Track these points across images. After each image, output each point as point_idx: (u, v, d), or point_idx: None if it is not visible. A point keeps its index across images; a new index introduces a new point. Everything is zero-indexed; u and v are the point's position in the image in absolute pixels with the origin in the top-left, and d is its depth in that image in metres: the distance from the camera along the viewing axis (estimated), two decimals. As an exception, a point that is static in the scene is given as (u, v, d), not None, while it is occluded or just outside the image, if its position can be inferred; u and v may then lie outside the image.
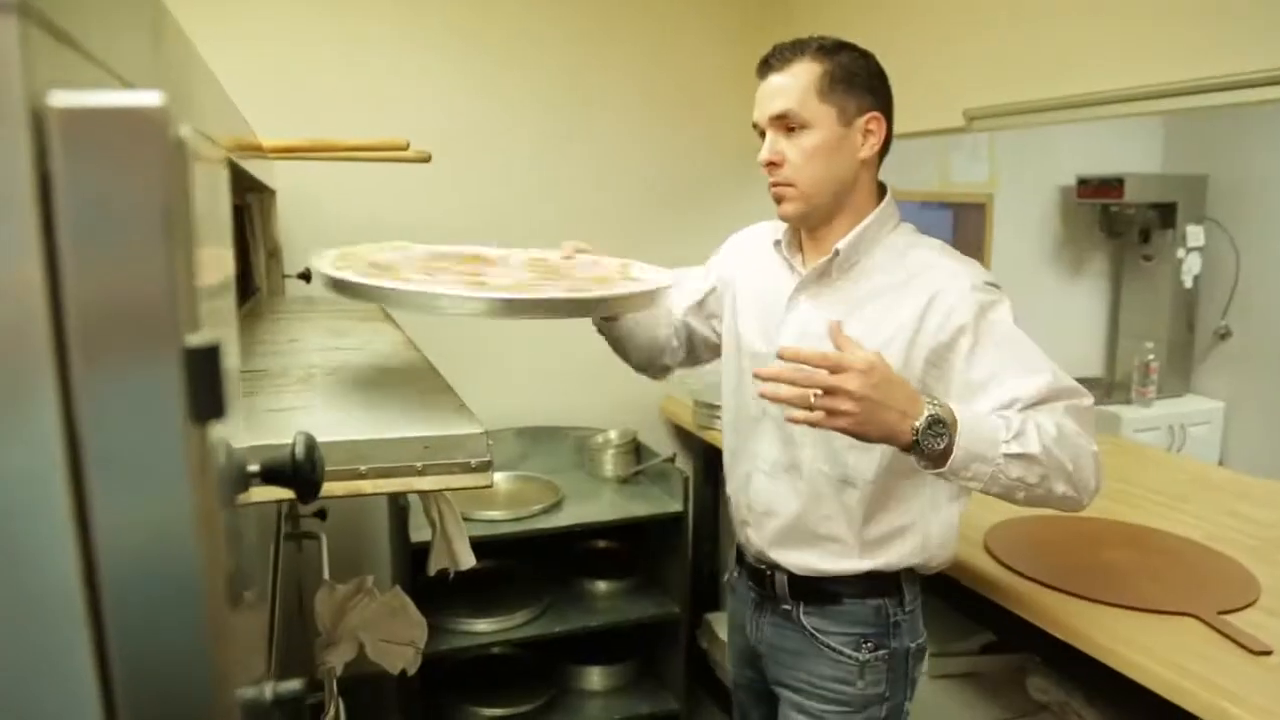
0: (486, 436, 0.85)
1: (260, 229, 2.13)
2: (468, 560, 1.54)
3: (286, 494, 0.61)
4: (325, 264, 1.16)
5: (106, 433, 0.29)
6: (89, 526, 0.29)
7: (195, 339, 0.30)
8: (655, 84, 2.99)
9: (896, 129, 2.58)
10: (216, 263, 0.43)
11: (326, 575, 1.49)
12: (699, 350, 1.73)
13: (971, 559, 1.76)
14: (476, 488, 0.85)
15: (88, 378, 0.29)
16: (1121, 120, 2.75)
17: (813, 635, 1.47)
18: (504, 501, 2.56)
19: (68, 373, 0.28)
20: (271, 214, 2.32)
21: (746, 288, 1.57)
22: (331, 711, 1.24)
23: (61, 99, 0.28)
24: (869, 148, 1.38)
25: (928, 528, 1.45)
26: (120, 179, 0.29)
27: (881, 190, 1.47)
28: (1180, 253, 3.67)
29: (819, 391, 1.15)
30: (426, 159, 2.12)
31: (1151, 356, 3.59)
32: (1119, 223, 3.76)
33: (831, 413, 1.15)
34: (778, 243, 1.51)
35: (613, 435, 2.88)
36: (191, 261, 0.31)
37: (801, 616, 1.48)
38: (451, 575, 1.59)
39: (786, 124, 1.37)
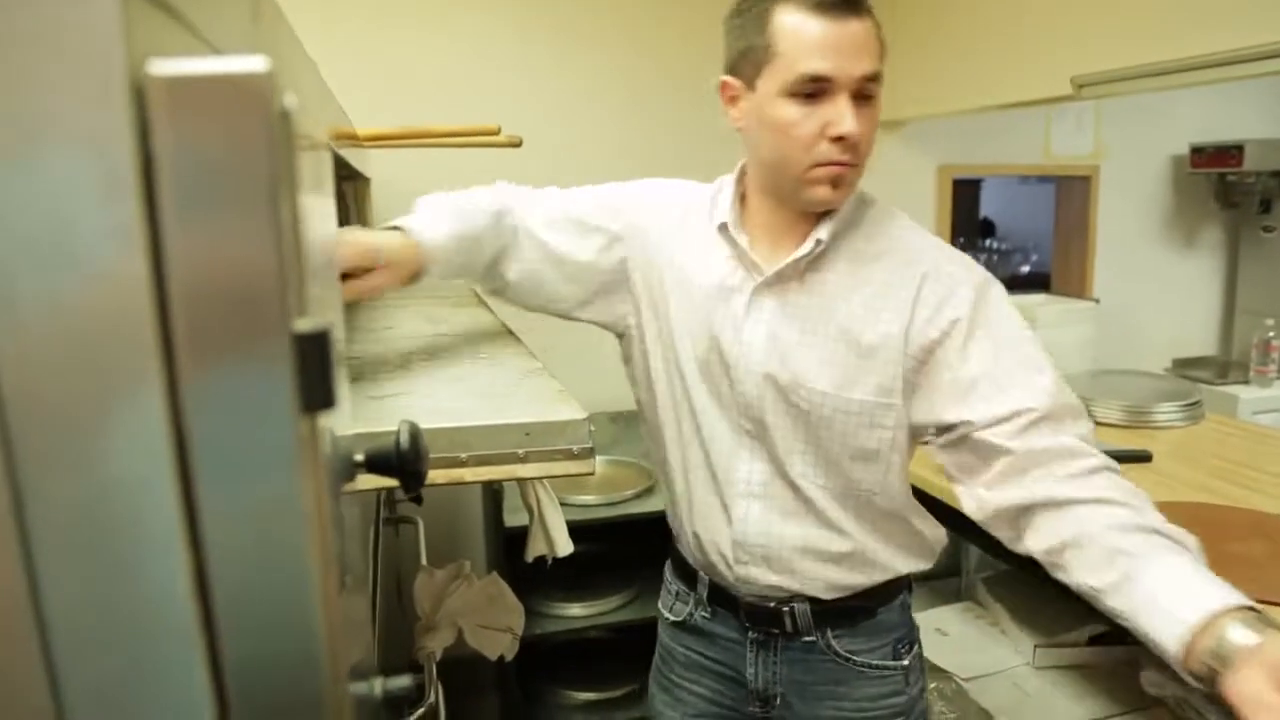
0: (589, 422, 0.83)
1: (356, 216, 2.15)
2: (566, 547, 1.54)
3: (391, 483, 0.60)
4: None
5: (214, 425, 0.27)
6: (198, 525, 0.28)
7: (304, 324, 0.28)
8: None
9: (999, 98, 2.49)
10: (323, 242, 0.41)
11: (424, 561, 1.50)
12: (519, 297, 1.41)
13: (1085, 547, 1.69)
14: (579, 475, 0.83)
15: (194, 368, 0.27)
16: (1239, 83, 2.60)
17: (848, 659, 1.29)
18: (597, 486, 2.55)
19: (174, 363, 0.27)
20: (366, 202, 2.34)
21: (680, 276, 1.27)
22: (432, 696, 1.25)
23: (162, 67, 0.26)
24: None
25: (924, 524, 1.31)
26: (225, 150, 0.27)
27: None
28: (1304, 223, 3.46)
29: None
30: (518, 144, 2.12)
31: (1272, 334, 3.40)
32: (1236, 192, 3.56)
33: None
34: (724, 226, 1.23)
35: (704, 419, 2.85)
36: (300, 240, 0.29)
37: (832, 643, 1.29)
38: (549, 562, 1.58)
39: (866, 90, 1.09)
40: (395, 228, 1.24)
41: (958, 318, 1.13)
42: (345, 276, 1.12)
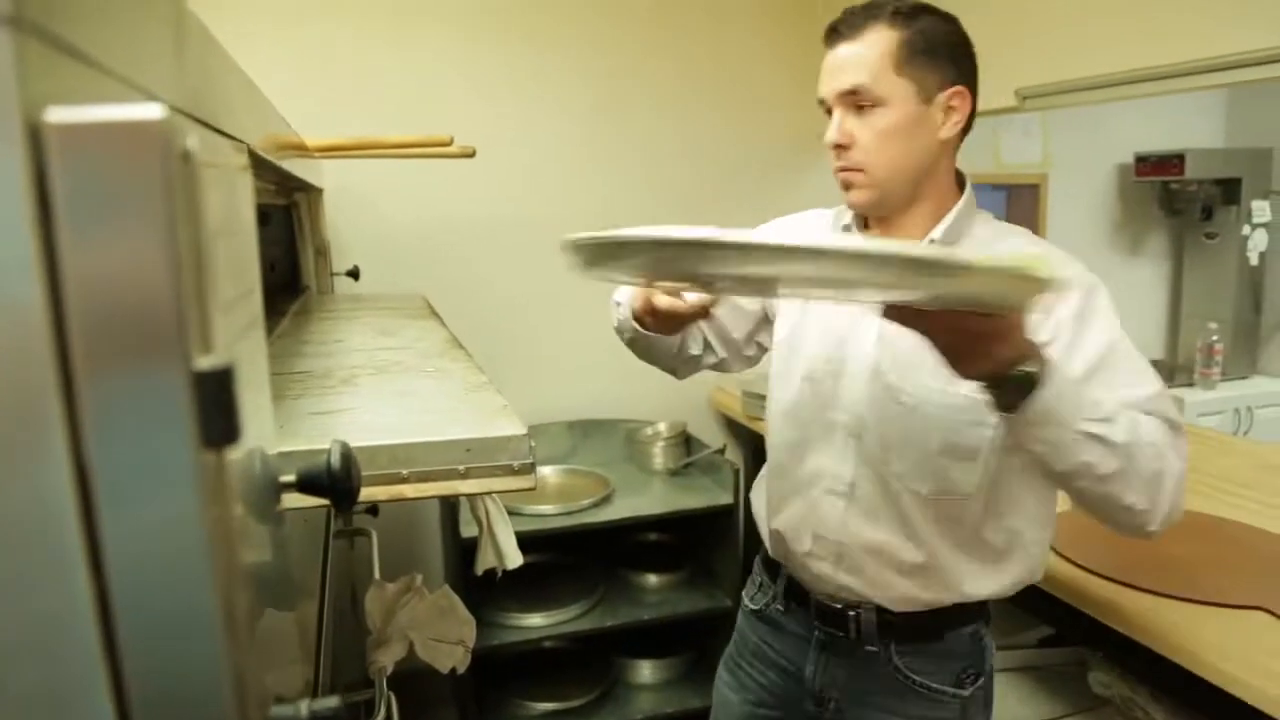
0: (529, 438, 0.84)
1: (308, 227, 2.14)
2: (515, 560, 1.54)
3: (322, 502, 0.61)
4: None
5: (115, 462, 0.28)
6: (100, 558, 0.28)
7: (206, 361, 0.29)
8: (703, 72, 2.96)
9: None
10: (236, 273, 0.42)
11: (377, 573, 1.50)
12: (729, 362, 1.52)
13: (1030, 551, 1.72)
14: (519, 490, 0.84)
15: (94, 406, 0.27)
16: (1181, 94, 2.66)
17: (909, 678, 1.30)
18: (554, 495, 2.56)
19: (73, 401, 0.27)
20: (319, 212, 2.33)
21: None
22: (383, 711, 1.25)
23: (58, 114, 0.27)
24: (951, 127, 1.21)
25: (1037, 542, 1.30)
26: (121, 195, 0.27)
27: (960, 177, 1.31)
28: (1245, 229, 3.55)
29: None
30: (471, 154, 2.12)
31: (1216, 337, 3.48)
32: (1180, 200, 3.65)
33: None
34: (848, 226, 1.33)
35: (662, 427, 2.87)
36: (201, 279, 0.30)
37: (894, 658, 1.31)
38: (499, 575, 1.58)
39: (857, 101, 1.19)
40: None
41: (1064, 318, 1.16)
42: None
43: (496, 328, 1.97)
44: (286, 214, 2.04)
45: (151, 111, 0.28)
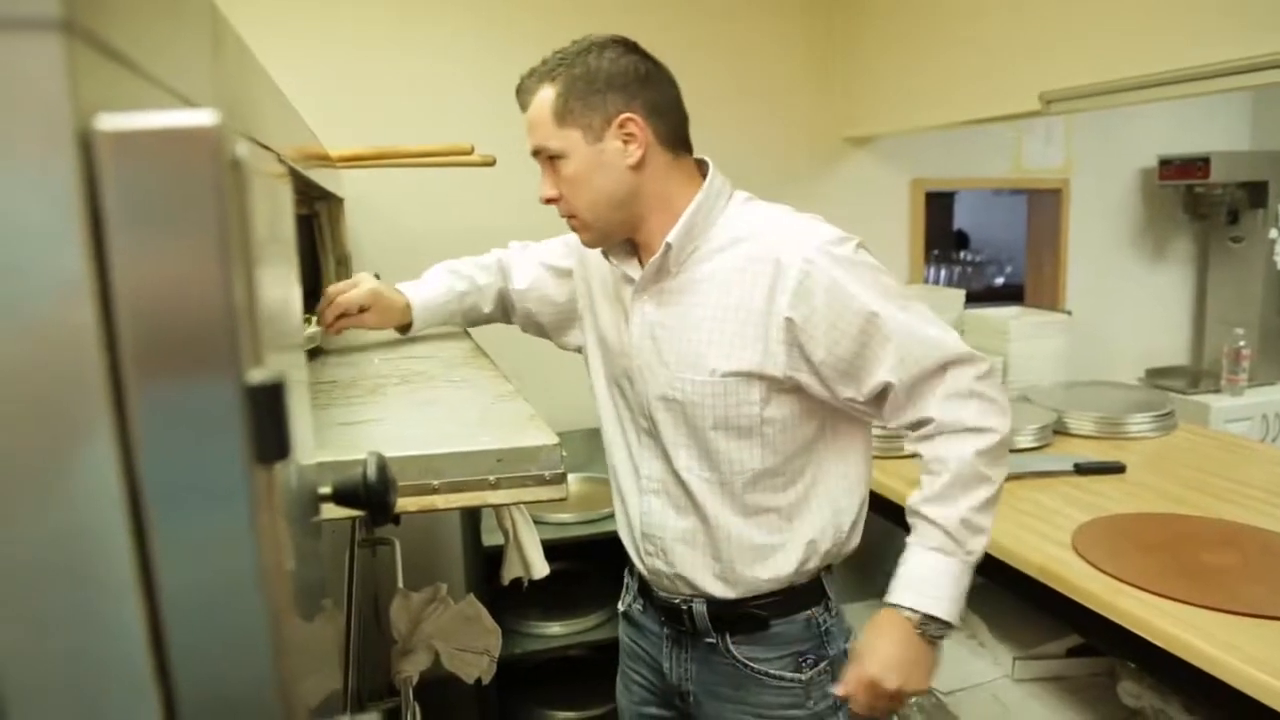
0: (560, 448, 0.83)
1: (329, 237, 2.15)
2: (541, 569, 1.53)
3: (358, 513, 0.60)
4: None
5: (167, 476, 0.27)
6: (152, 578, 0.28)
7: (258, 375, 0.28)
8: (720, 76, 2.95)
9: (969, 114, 2.52)
10: (279, 282, 0.41)
11: (401, 583, 1.49)
12: (554, 340, 1.64)
13: (1058, 560, 1.70)
14: (551, 500, 0.83)
15: (145, 420, 0.27)
16: (1206, 97, 2.63)
17: (747, 666, 1.35)
18: (574, 504, 2.55)
19: (125, 416, 0.27)
20: (340, 221, 2.33)
21: (598, 295, 1.46)
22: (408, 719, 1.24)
23: (110, 122, 0.26)
24: (633, 153, 1.24)
25: (844, 510, 1.34)
26: (173, 204, 0.27)
27: (702, 170, 1.34)
28: (1272, 233, 3.50)
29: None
30: (491, 163, 2.12)
31: (1243, 343, 3.44)
32: (1205, 204, 3.61)
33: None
34: (603, 252, 1.38)
35: (682, 435, 2.85)
36: (253, 291, 0.29)
37: (731, 648, 1.36)
38: (525, 584, 1.58)
39: (545, 157, 1.29)
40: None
41: (815, 299, 1.20)
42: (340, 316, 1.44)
43: (515, 334, 1.96)
44: (307, 223, 2.04)
45: (204, 119, 0.27)
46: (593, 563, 2.74)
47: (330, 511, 0.58)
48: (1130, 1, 2.02)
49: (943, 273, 5.11)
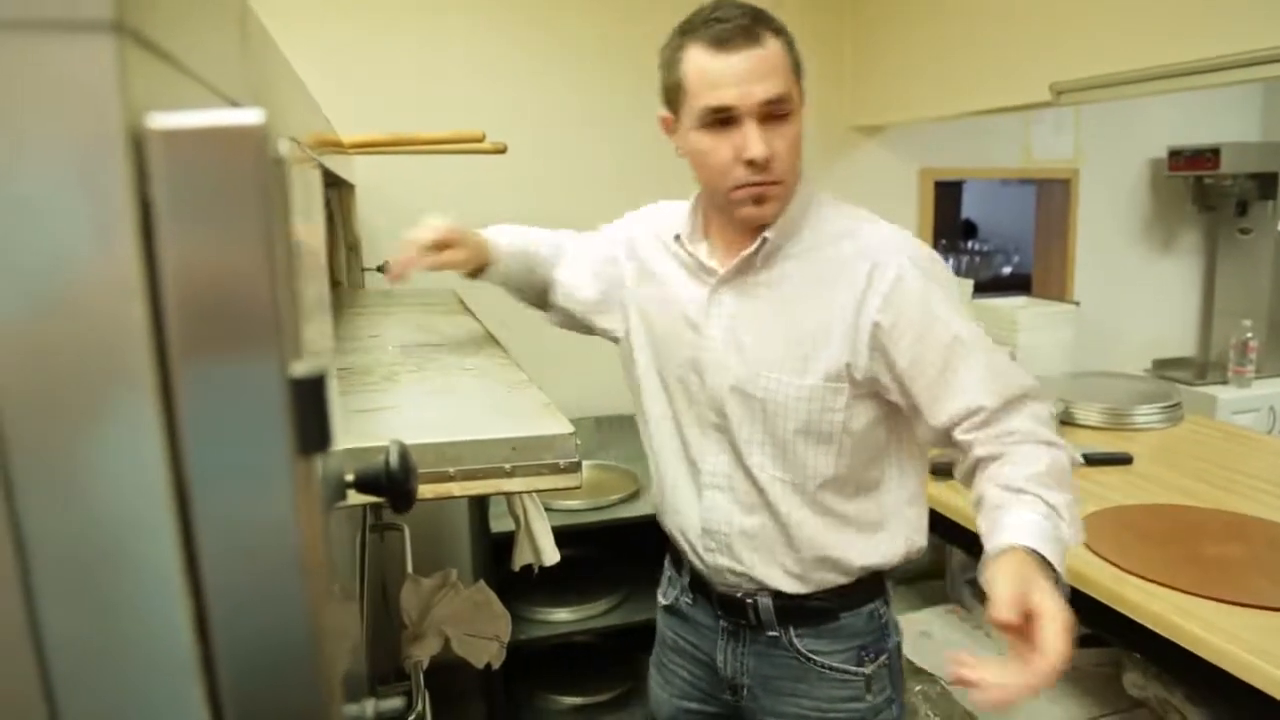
0: (574, 436, 0.84)
1: (341, 223, 2.15)
2: (552, 556, 1.54)
3: (379, 500, 0.61)
4: None
5: (212, 468, 0.28)
6: (197, 565, 0.28)
7: (300, 369, 0.29)
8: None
9: (979, 104, 2.51)
10: (314, 270, 0.42)
11: (410, 569, 1.50)
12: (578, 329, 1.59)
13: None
14: (565, 489, 0.83)
15: (191, 412, 0.27)
16: (1217, 88, 2.62)
17: (810, 659, 1.33)
18: (584, 491, 2.55)
19: (172, 407, 0.27)
20: (351, 208, 2.34)
21: (659, 284, 1.39)
22: (419, 705, 1.25)
23: (160, 120, 0.27)
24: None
25: (909, 516, 1.33)
26: (220, 200, 0.27)
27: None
28: (1281, 225, 3.50)
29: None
30: (503, 150, 2.12)
31: (1250, 334, 3.43)
32: (1214, 195, 3.60)
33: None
34: (678, 237, 1.34)
35: (689, 423, 2.86)
36: (295, 286, 0.30)
37: (794, 641, 1.33)
38: (536, 571, 1.59)
39: (774, 111, 1.16)
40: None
41: (904, 308, 1.17)
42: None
43: (525, 322, 1.96)
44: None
45: (250, 117, 0.27)
46: (600, 550, 2.75)
47: (352, 498, 0.59)
48: (1143, -8, 2.01)
49: (950, 262, 5.09)
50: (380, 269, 2.21)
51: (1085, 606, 1.64)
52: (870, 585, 1.34)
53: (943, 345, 1.17)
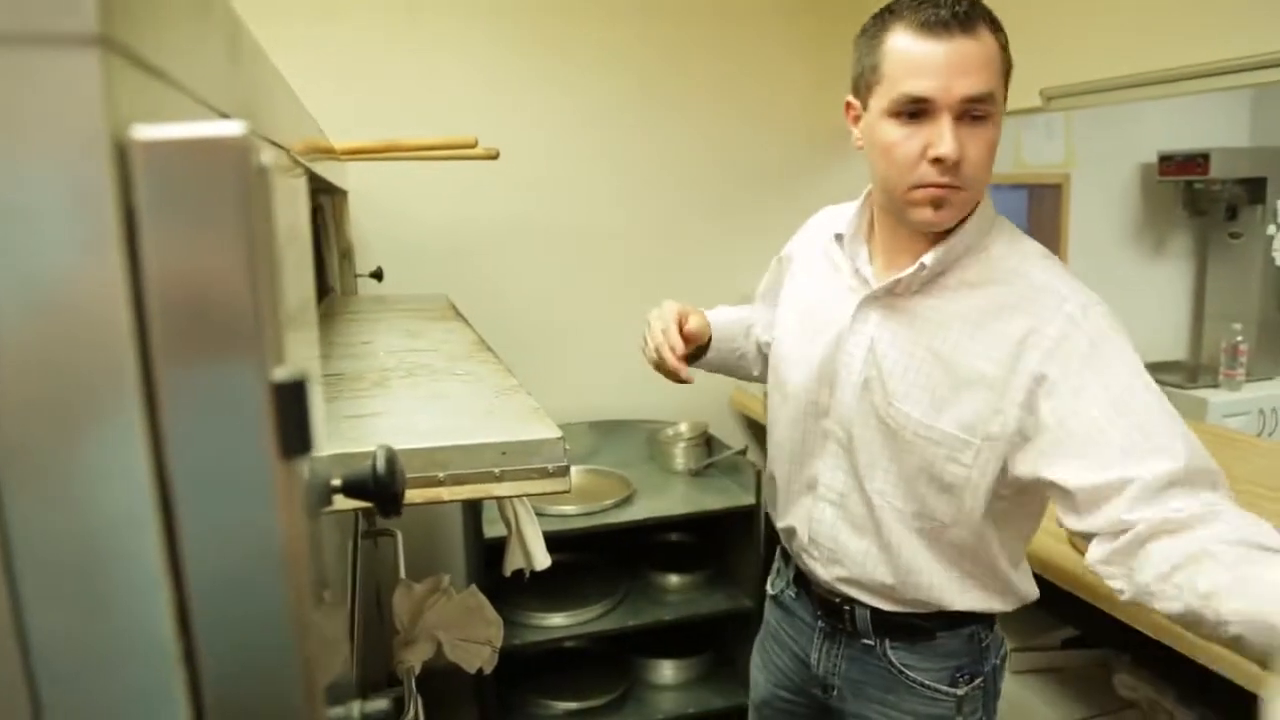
0: (563, 441, 0.84)
1: (334, 229, 2.16)
2: (543, 561, 1.54)
3: (366, 505, 0.61)
4: None
5: (195, 471, 0.29)
6: (180, 567, 0.29)
7: (282, 373, 0.29)
8: (724, 74, 2.96)
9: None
10: (299, 280, 0.42)
11: (403, 573, 1.51)
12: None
13: (1055, 552, 1.72)
14: (554, 493, 0.84)
15: (175, 416, 0.28)
16: (1206, 94, 2.64)
17: (902, 672, 1.30)
18: (576, 496, 2.56)
19: (155, 412, 0.28)
20: (344, 214, 2.35)
21: (804, 284, 1.38)
22: (411, 710, 1.25)
23: (144, 132, 0.27)
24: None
25: (1012, 575, 1.28)
26: (203, 210, 0.28)
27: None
28: (1271, 229, 3.52)
29: None
30: (494, 156, 2.13)
31: (1240, 338, 3.46)
32: (1204, 200, 3.62)
33: None
34: (839, 236, 1.29)
35: (683, 428, 2.87)
36: (277, 294, 0.30)
37: (888, 652, 1.31)
38: (527, 576, 1.59)
39: (974, 110, 1.08)
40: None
41: (1067, 365, 1.06)
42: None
43: (518, 328, 1.99)
44: (312, 217, 2.06)
45: (232, 129, 0.28)
46: (593, 555, 2.76)
47: (340, 503, 0.60)
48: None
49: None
50: (374, 275, 2.20)
51: (1075, 608, 1.65)
52: (976, 606, 1.28)
53: (1107, 402, 1.03)
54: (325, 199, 2.09)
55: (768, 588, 1.56)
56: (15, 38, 0.26)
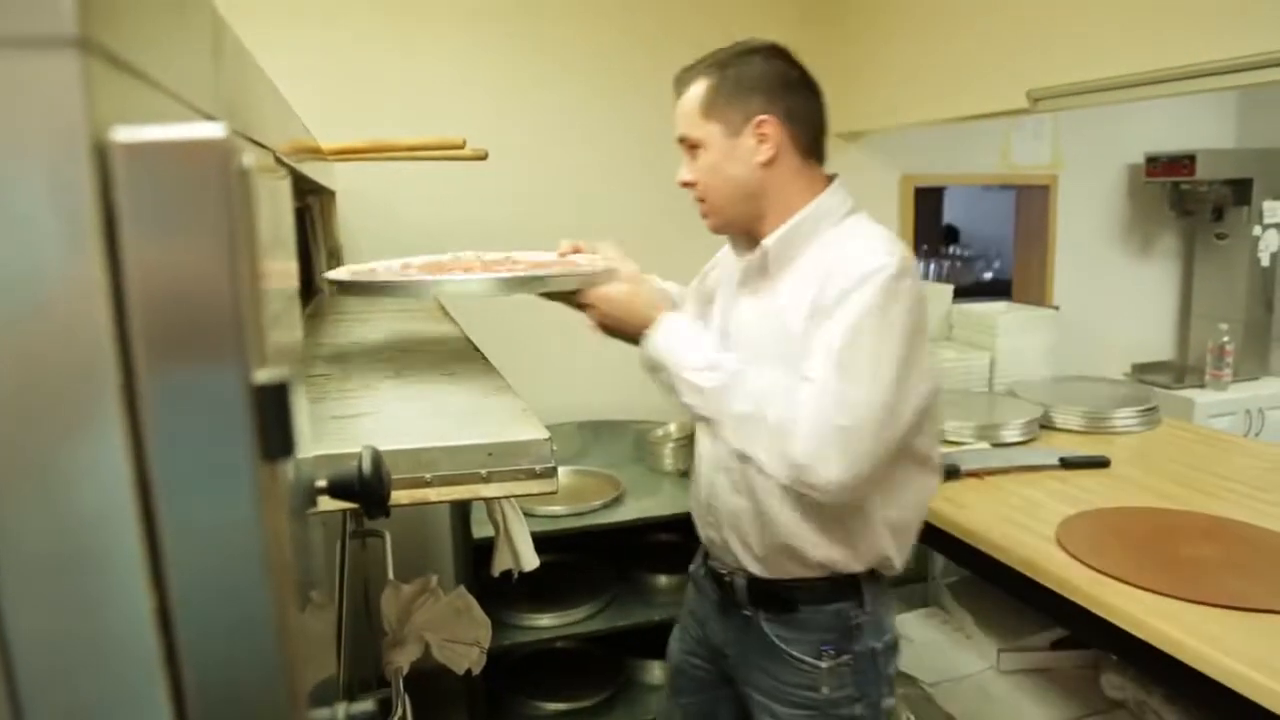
0: (550, 442, 0.84)
1: (321, 230, 2.15)
2: (531, 561, 1.55)
3: (352, 506, 0.61)
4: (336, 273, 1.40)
5: (176, 473, 0.29)
6: (161, 569, 0.29)
7: (264, 375, 0.29)
8: (709, 73, 2.96)
9: (956, 111, 2.53)
10: (281, 280, 0.42)
11: (391, 574, 1.50)
12: None
13: (1043, 553, 1.72)
14: (541, 494, 0.84)
15: (156, 419, 0.28)
16: (1192, 95, 2.66)
17: (774, 642, 1.46)
18: (565, 496, 2.56)
19: (136, 414, 0.28)
20: (332, 215, 2.34)
21: (719, 290, 1.56)
22: (399, 711, 1.25)
23: (124, 134, 0.27)
24: (765, 152, 1.37)
25: (891, 527, 1.41)
26: (184, 212, 0.28)
27: (829, 186, 1.43)
28: (1256, 230, 3.54)
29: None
30: (483, 156, 2.13)
31: (1226, 338, 3.47)
32: (1190, 201, 3.64)
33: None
34: (732, 245, 1.54)
35: (672, 429, 2.87)
36: (259, 295, 0.30)
37: (763, 624, 1.47)
38: (515, 576, 1.59)
39: (688, 145, 1.42)
40: None
41: (831, 298, 1.28)
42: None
43: (507, 328, 1.98)
44: (300, 216, 2.05)
45: (213, 131, 0.28)
46: (582, 555, 2.75)
47: (326, 504, 0.60)
48: (1117, 1, 2.03)
49: (932, 267, 5.13)
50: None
51: (1063, 608, 1.66)
52: (839, 585, 1.43)
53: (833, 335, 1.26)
54: (313, 199, 2.09)
55: (690, 567, 1.71)
56: (-6, 40, 0.26)
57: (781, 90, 1.38)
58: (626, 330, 1.41)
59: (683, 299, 1.69)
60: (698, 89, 1.39)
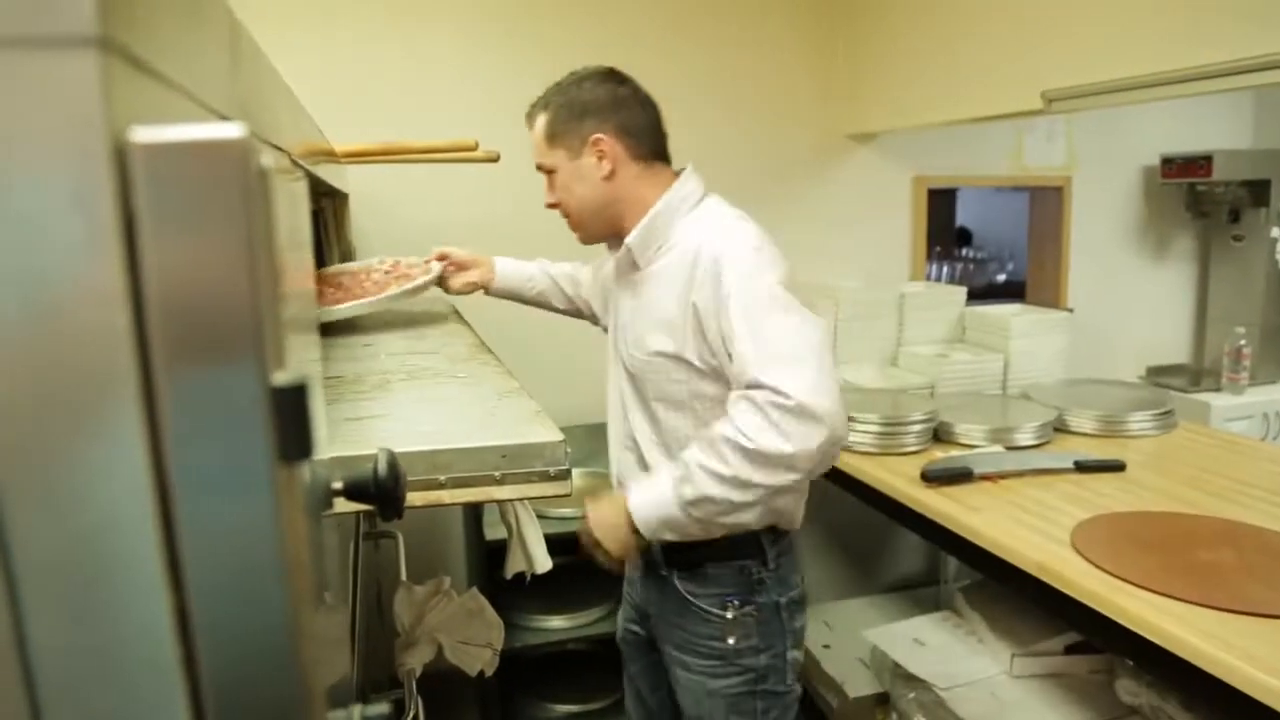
0: (564, 444, 0.84)
1: (335, 232, 2.16)
2: (544, 564, 1.55)
3: (368, 508, 0.61)
4: None
5: (194, 476, 0.29)
6: (180, 572, 0.29)
7: (283, 378, 0.29)
8: (721, 76, 2.96)
9: (969, 112, 2.53)
10: (299, 285, 0.42)
11: (404, 576, 1.50)
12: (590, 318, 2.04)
13: (1057, 557, 1.71)
14: (555, 496, 0.84)
15: (174, 421, 0.28)
16: (1208, 96, 2.64)
17: (687, 598, 1.59)
18: (576, 498, 2.54)
19: (155, 415, 0.28)
20: (345, 217, 2.35)
21: (609, 288, 1.73)
22: (412, 712, 1.25)
23: (143, 134, 0.27)
24: (604, 167, 1.53)
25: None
26: (203, 213, 0.28)
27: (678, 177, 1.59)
28: (1274, 231, 3.50)
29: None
30: (495, 159, 2.13)
31: (1243, 341, 3.44)
32: (1206, 202, 3.61)
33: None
34: (610, 247, 1.68)
35: (684, 430, 2.86)
36: (277, 296, 0.30)
37: (677, 582, 1.60)
38: (528, 578, 1.59)
39: (544, 171, 1.59)
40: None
41: (707, 288, 1.43)
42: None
43: (518, 330, 1.99)
44: (314, 218, 2.06)
45: (232, 131, 0.28)
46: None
47: (341, 506, 0.60)
48: (1132, 1, 2.02)
49: (944, 269, 5.11)
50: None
51: (1078, 613, 1.64)
52: (741, 544, 1.55)
53: (719, 311, 1.41)
54: (326, 201, 2.09)
55: None
56: (13, 40, 0.26)
57: (611, 109, 1.53)
58: (621, 528, 1.48)
59: (580, 275, 1.97)
60: (541, 121, 1.56)
